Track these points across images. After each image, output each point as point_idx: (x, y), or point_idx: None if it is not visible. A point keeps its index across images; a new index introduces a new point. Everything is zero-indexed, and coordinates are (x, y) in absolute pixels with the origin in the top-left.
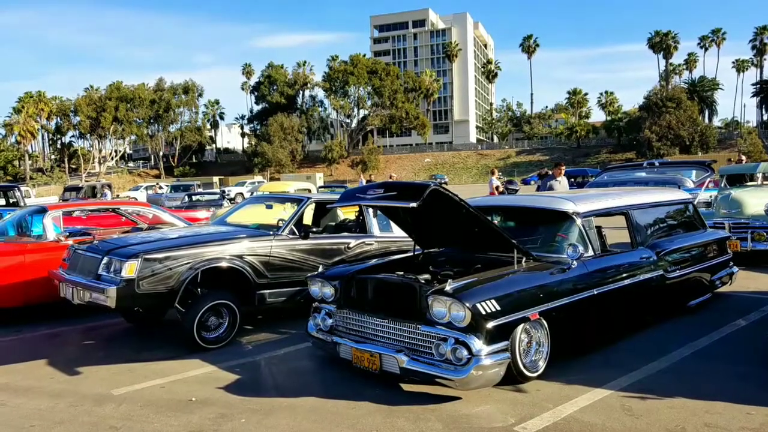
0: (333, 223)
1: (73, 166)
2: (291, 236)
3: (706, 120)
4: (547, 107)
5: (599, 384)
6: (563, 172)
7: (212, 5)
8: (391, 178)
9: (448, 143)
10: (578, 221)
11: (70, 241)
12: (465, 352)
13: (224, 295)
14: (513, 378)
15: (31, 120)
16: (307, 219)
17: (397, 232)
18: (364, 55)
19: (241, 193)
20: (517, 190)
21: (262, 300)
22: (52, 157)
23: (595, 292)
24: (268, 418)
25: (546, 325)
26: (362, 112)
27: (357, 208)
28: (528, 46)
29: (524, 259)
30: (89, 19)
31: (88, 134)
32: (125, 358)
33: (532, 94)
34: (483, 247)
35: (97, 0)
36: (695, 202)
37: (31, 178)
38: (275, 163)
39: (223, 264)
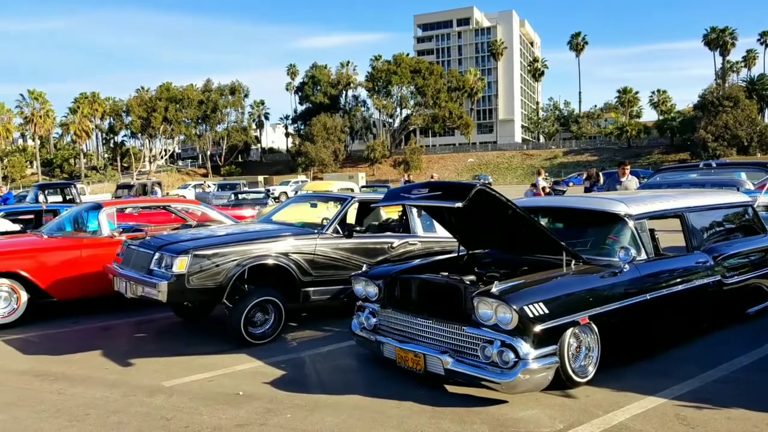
0: (376, 223)
1: (125, 165)
2: (335, 235)
3: (766, 119)
4: (595, 106)
5: (652, 392)
6: (628, 171)
7: (258, 7)
8: (432, 178)
9: (493, 143)
10: (630, 223)
11: (124, 237)
12: (512, 356)
13: (270, 291)
14: (561, 383)
15: (86, 120)
16: (351, 218)
17: (441, 232)
18: (408, 55)
19: (285, 192)
20: (564, 191)
21: (307, 297)
22: (105, 155)
23: (648, 297)
24: (313, 414)
25: (596, 330)
26: (405, 112)
27: (400, 208)
28: (576, 44)
29: (573, 262)
30: (139, 23)
31: (139, 134)
32: (175, 351)
33: (580, 92)
34: (530, 249)
35: (145, 4)
36: (755, 205)
37: (85, 175)
38: (318, 163)
39: (269, 261)
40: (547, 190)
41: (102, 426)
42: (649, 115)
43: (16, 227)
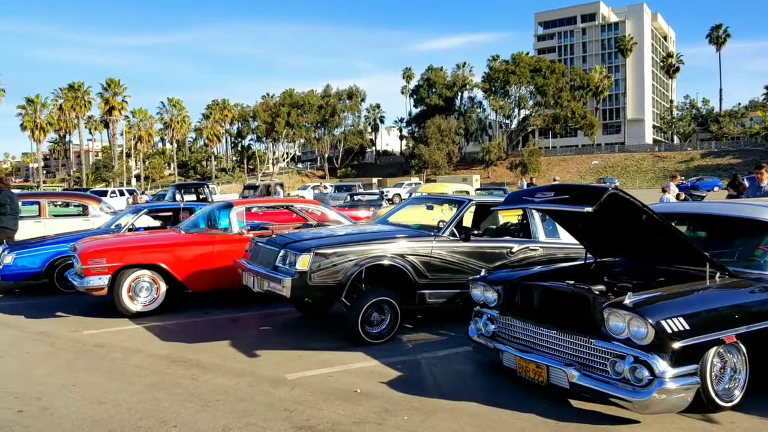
0: (494, 227)
1: (251, 167)
2: (451, 238)
3: None
4: (739, 104)
5: None
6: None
7: (374, 13)
8: (555, 180)
9: (620, 144)
10: None
11: (251, 235)
12: (646, 373)
13: (386, 292)
14: (702, 406)
15: (217, 125)
16: (467, 221)
17: (565, 238)
18: (527, 54)
19: (399, 194)
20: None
21: (423, 300)
22: (233, 158)
23: None
24: (430, 418)
25: (744, 351)
26: (523, 113)
27: (520, 212)
28: (717, 37)
29: (718, 275)
30: (262, 33)
31: (264, 137)
32: (296, 345)
33: (720, 89)
34: (667, 259)
35: (267, 15)
36: None
37: (215, 176)
38: (432, 165)
39: (386, 262)
40: (683, 196)
41: (230, 412)
42: None
43: (157, 223)
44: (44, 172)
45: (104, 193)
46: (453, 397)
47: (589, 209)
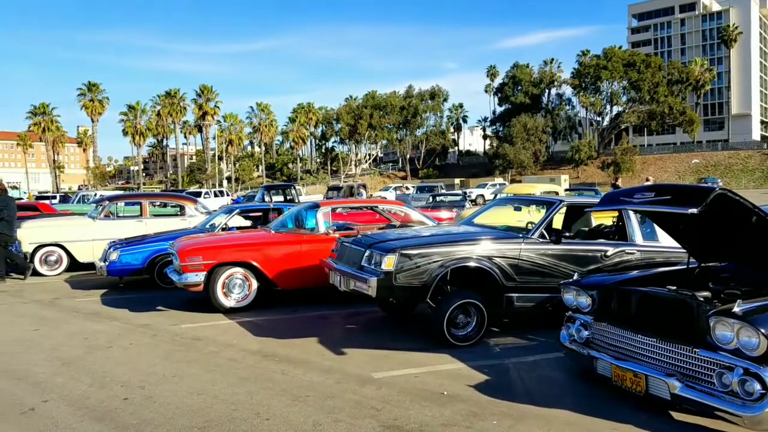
0: (586, 229)
1: (334, 169)
2: (541, 240)
3: None
4: None
5: None
6: None
7: (457, 12)
8: (647, 181)
9: (723, 141)
10: None
11: (337, 235)
12: (757, 386)
13: (472, 294)
14: None
15: (302, 128)
16: (557, 223)
17: (664, 241)
18: (620, 47)
19: (482, 195)
20: None
21: (510, 303)
22: (317, 160)
23: None
24: (519, 423)
25: None
26: (615, 109)
27: (614, 214)
28: None
29: None
30: (345, 36)
31: (347, 139)
32: (382, 345)
33: None
34: None
35: (350, 18)
36: None
37: (300, 178)
38: (516, 165)
39: (472, 264)
40: None
41: (320, 408)
42: None
43: (248, 223)
44: (143, 174)
45: (198, 194)
46: (543, 403)
47: (694, 211)
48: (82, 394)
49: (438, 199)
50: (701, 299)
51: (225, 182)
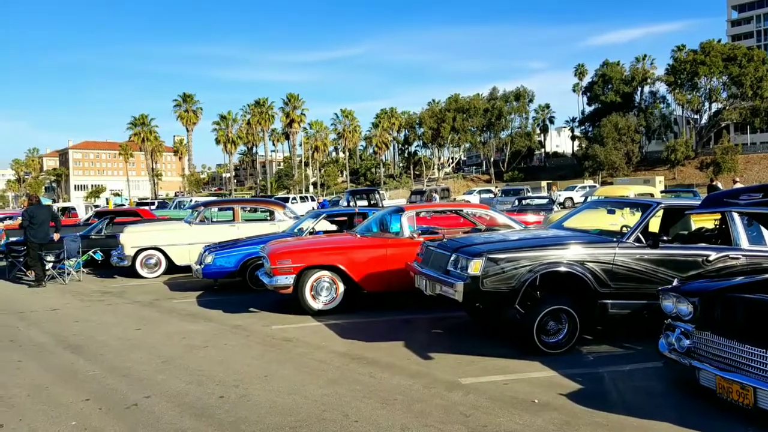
0: (685, 232)
1: (417, 173)
2: (637, 244)
3: None
4: None
5: None
6: None
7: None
8: (735, 183)
9: None
10: None
11: (422, 239)
12: None
13: (564, 300)
14: None
15: (385, 133)
16: (654, 226)
17: None
18: (719, 41)
19: (571, 198)
20: None
21: (604, 310)
22: (400, 164)
23: None
24: None
25: None
26: (715, 106)
27: (716, 216)
28: None
29: None
30: (427, 40)
31: (430, 143)
32: (469, 350)
33: None
34: None
35: (430, 22)
36: None
37: (384, 182)
38: (607, 166)
39: (562, 269)
40: None
41: (408, 412)
42: None
43: (334, 227)
44: (235, 181)
45: (286, 200)
46: (641, 415)
47: None
48: (181, 391)
49: (524, 202)
50: None
51: (311, 188)
